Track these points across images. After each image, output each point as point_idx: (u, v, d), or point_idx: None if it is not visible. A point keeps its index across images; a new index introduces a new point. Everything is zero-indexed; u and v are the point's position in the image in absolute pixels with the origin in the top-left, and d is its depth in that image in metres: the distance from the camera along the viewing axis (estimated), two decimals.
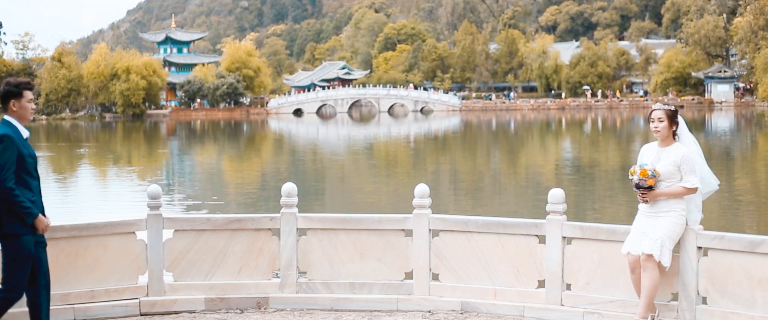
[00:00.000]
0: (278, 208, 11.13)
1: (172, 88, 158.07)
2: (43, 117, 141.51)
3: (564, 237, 10.13)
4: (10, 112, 8.75)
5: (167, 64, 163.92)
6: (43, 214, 8.83)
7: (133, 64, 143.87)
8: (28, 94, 8.82)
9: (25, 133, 8.76)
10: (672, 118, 9.38)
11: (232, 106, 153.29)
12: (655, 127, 9.40)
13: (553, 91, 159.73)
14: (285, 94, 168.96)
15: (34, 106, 8.94)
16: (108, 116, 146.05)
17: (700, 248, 9.38)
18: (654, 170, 9.25)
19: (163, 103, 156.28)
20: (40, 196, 8.87)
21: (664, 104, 9.55)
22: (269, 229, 10.96)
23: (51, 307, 9.11)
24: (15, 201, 8.53)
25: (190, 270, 10.86)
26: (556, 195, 10.17)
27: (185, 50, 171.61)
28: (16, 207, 8.54)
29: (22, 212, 8.57)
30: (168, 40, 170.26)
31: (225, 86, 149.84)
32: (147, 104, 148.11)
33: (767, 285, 8.90)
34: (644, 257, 9.17)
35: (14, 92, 8.75)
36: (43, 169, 48.82)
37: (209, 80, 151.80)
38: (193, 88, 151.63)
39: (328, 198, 33.08)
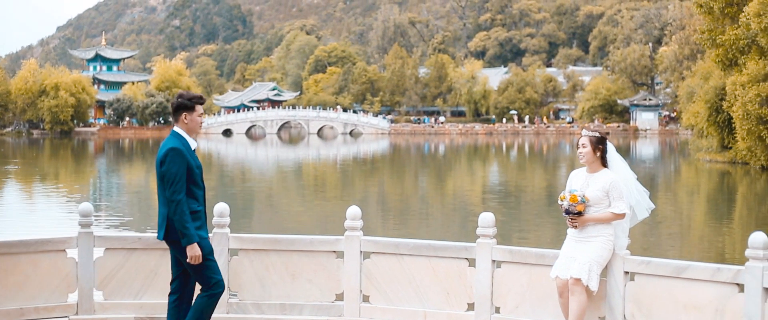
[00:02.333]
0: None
1: (100, 105, 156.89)
2: None
3: (494, 261, 10.23)
4: (181, 123, 9.05)
5: (96, 81, 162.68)
6: (205, 223, 9.15)
7: (62, 81, 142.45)
8: (200, 108, 9.13)
9: (194, 145, 9.06)
10: (596, 144, 9.53)
11: (162, 124, 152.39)
12: (580, 153, 9.57)
13: (493, 117, 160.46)
14: (214, 114, 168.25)
15: (202, 120, 9.21)
16: (36, 133, 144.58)
17: (627, 273, 9.53)
18: (583, 196, 9.38)
19: (91, 120, 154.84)
20: (205, 205, 9.13)
21: (590, 130, 9.69)
22: None
23: None
24: (181, 218, 8.79)
25: (121, 288, 10.81)
26: (486, 219, 10.28)
27: (115, 68, 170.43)
28: (179, 224, 8.79)
29: (182, 232, 8.83)
30: (98, 58, 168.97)
31: (154, 105, 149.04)
32: (75, 121, 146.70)
33: (692, 310, 9.06)
34: (572, 281, 9.30)
35: (187, 106, 9.06)
36: None
37: (138, 98, 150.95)
38: (122, 106, 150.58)
39: (257, 219, 33.00)
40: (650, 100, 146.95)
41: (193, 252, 8.92)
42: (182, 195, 8.80)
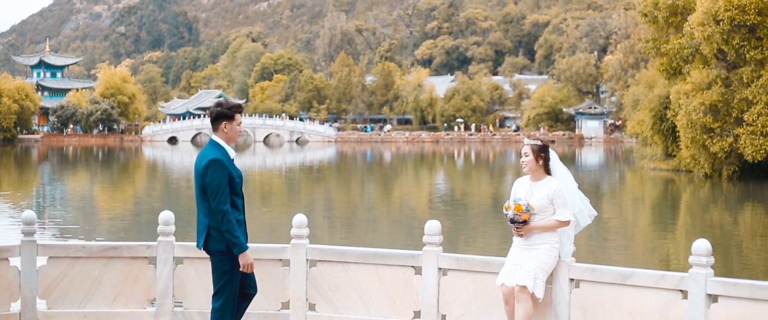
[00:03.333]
0: (152, 236, 11.07)
1: (44, 112, 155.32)
2: None
3: (440, 269, 10.24)
4: (220, 133, 9.04)
5: (40, 88, 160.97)
6: (245, 231, 9.12)
7: (4, 88, 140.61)
8: (239, 117, 9.12)
9: (232, 154, 9.05)
10: (538, 152, 9.59)
11: (106, 132, 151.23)
12: (522, 162, 9.62)
13: (446, 125, 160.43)
14: (160, 122, 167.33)
15: (241, 128, 9.20)
16: None
17: (572, 280, 9.58)
18: (528, 204, 9.42)
19: (35, 127, 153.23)
20: (244, 214, 9.12)
21: (532, 140, 9.74)
22: (145, 257, 10.87)
23: None
24: (228, 228, 8.81)
25: (64, 297, 10.71)
26: (432, 226, 10.29)
27: (59, 75, 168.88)
28: (227, 234, 8.81)
29: (232, 242, 8.84)
30: (42, 64, 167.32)
31: (99, 112, 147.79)
32: (18, 129, 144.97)
33: (637, 316, 9.13)
34: (518, 288, 9.33)
35: (227, 115, 9.05)
36: None
37: (83, 106, 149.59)
38: (66, 113, 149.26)
39: None
40: (595, 108, 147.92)
41: (246, 259, 8.96)
42: (227, 205, 8.83)
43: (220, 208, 8.79)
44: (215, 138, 9.08)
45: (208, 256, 10.74)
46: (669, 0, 56.38)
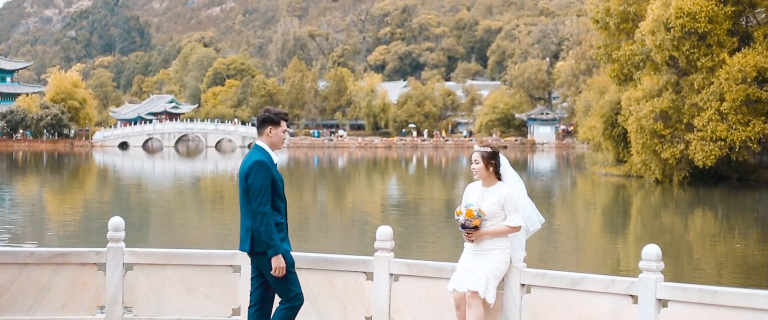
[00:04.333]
0: (102, 243, 10.97)
1: None
2: None
3: (391, 274, 10.23)
4: (264, 137, 9.27)
5: None
6: (287, 235, 9.26)
7: None
8: (284, 124, 9.34)
9: (276, 159, 9.20)
10: (488, 159, 9.59)
11: (56, 137, 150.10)
12: (473, 169, 9.63)
13: (404, 130, 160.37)
14: (111, 127, 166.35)
15: (285, 136, 9.40)
16: None
17: (523, 285, 9.60)
18: (479, 210, 9.43)
19: None
20: (286, 218, 9.26)
21: (482, 146, 9.75)
22: (95, 264, 10.77)
23: None
24: (266, 229, 8.93)
25: (12, 305, 10.59)
26: (384, 232, 10.28)
27: (9, 79, 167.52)
28: (264, 234, 8.93)
29: (268, 243, 8.96)
30: None
31: (49, 117, 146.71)
32: None
33: None
34: (470, 294, 9.33)
35: (273, 120, 9.30)
36: None
37: (33, 110, 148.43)
38: (15, 118, 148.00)
39: (154, 233, 32.62)
40: (547, 114, 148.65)
41: (278, 263, 9.06)
42: (268, 207, 8.97)
43: (260, 209, 8.94)
44: (259, 142, 9.30)
45: (160, 263, 10.69)
46: (620, 7, 56.77)
